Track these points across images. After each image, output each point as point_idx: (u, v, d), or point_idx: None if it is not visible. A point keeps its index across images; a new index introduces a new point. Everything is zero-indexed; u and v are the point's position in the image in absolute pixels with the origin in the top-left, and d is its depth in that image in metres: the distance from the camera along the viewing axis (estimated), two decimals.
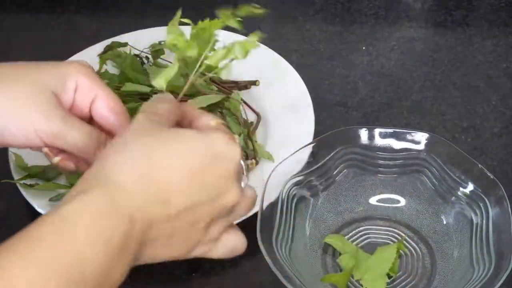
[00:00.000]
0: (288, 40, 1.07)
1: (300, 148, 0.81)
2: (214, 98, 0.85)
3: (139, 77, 0.91)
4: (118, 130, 0.62)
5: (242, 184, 0.58)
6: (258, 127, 0.91)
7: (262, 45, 0.99)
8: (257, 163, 0.87)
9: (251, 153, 0.87)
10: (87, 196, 0.49)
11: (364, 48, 1.05)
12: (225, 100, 0.89)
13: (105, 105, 0.62)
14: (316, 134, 0.87)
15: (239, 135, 0.89)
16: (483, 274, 0.72)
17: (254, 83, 0.96)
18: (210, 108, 0.90)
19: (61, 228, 0.47)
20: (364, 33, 1.07)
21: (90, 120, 0.64)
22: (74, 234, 0.47)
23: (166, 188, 0.52)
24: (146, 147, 0.52)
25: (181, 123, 0.59)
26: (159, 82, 0.60)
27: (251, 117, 0.92)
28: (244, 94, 0.94)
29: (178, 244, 0.54)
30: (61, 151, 0.62)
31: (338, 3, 1.12)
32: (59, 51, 1.07)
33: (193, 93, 0.87)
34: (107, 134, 0.63)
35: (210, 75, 0.95)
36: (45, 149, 0.62)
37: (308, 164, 0.80)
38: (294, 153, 0.80)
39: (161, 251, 0.54)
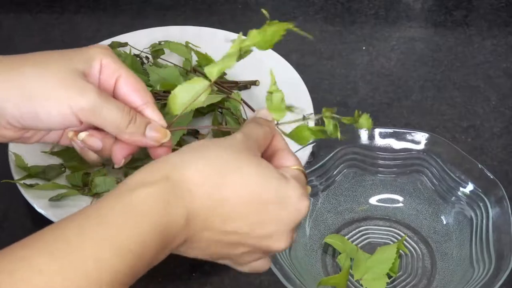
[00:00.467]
0: (288, 40, 1.06)
1: (300, 148, 0.81)
2: (214, 97, 0.85)
3: (139, 77, 0.91)
4: (142, 108, 0.63)
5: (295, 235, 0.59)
6: None
7: None
8: None
9: None
10: (155, 188, 0.51)
11: (364, 48, 1.05)
12: (225, 100, 0.89)
13: (129, 85, 0.63)
14: None
15: None
16: (483, 274, 0.72)
17: (254, 83, 0.96)
18: (210, 108, 0.91)
19: (128, 213, 0.50)
20: (364, 33, 1.07)
21: None
22: (140, 221, 0.50)
23: (230, 207, 0.54)
24: (228, 163, 0.54)
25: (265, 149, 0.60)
26: (212, 71, 0.61)
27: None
28: (244, 94, 0.94)
29: (211, 252, 0.56)
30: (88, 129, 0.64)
31: (338, 3, 1.12)
32: None
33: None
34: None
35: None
36: (70, 133, 0.62)
37: (308, 164, 0.80)
38: (294, 153, 0.80)
39: (194, 251, 0.56)
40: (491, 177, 0.77)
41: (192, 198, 0.52)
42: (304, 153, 0.80)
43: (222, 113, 0.91)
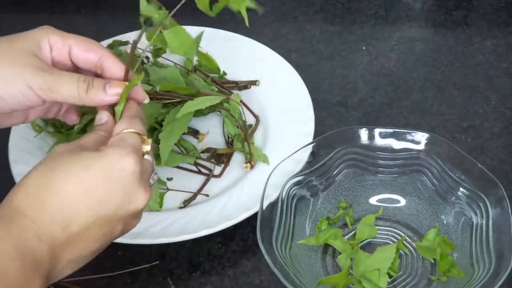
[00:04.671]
0: (288, 40, 1.07)
1: (300, 148, 0.81)
2: (213, 99, 0.85)
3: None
4: (101, 63, 0.66)
5: (151, 181, 0.63)
6: (258, 128, 0.91)
7: (263, 46, 0.99)
8: (252, 167, 0.87)
9: (247, 157, 0.87)
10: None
11: (364, 48, 1.05)
12: (224, 101, 0.89)
13: (81, 49, 0.66)
14: (316, 134, 0.87)
15: (236, 137, 0.89)
16: (483, 274, 0.72)
17: (254, 83, 0.96)
18: (211, 109, 0.90)
19: None
20: (364, 33, 1.07)
21: (75, 71, 0.67)
22: None
23: (61, 213, 0.56)
24: (45, 173, 0.57)
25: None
26: None
27: (252, 118, 0.92)
28: (244, 94, 0.94)
29: (93, 247, 0.59)
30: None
31: (338, 3, 1.12)
32: None
33: (193, 93, 0.88)
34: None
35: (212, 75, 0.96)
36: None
37: (308, 164, 0.80)
38: (294, 153, 0.80)
39: (81, 259, 0.59)
40: (491, 177, 0.77)
41: (32, 223, 0.55)
42: (304, 153, 0.80)
43: (221, 112, 0.91)
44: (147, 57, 0.96)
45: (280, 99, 0.93)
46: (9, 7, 1.14)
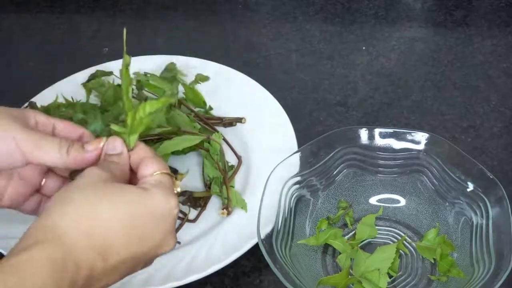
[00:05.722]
0: (288, 40, 1.07)
1: (301, 148, 0.81)
2: (193, 139, 0.83)
3: (119, 110, 0.88)
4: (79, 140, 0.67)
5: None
6: (239, 169, 0.88)
7: (254, 82, 0.96)
8: (229, 213, 0.83)
9: (225, 202, 0.83)
10: (35, 249, 0.54)
11: (364, 48, 1.05)
12: (205, 141, 0.86)
13: (63, 126, 0.67)
14: (316, 134, 0.87)
15: (214, 180, 0.85)
16: (483, 274, 0.72)
17: (240, 120, 0.93)
18: (191, 148, 0.86)
19: (10, 278, 0.52)
20: (364, 33, 1.07)
21: None
22: (23, 283, 0.52)
23: (104, 242, 0.57)
24: (90, 202, 0.57)
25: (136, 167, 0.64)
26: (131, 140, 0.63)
27: (234, 158, 0.89)
28: (229, 131, 0.91)
29: (117, 279, 0.60)
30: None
31: (338, 3, 1.12)
32: (59, 51, 1.07)
33: (174, 131, 0.85)
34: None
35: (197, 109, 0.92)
36: None
37: (308, 164, 0.80)
38: (294, 153, 0.80)
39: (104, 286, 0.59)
40: (491, 177, 0.77)
41: (73, 249, 0.55)
42: (304, 154, 0.80)
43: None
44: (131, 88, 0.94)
45: (265, 139, 0.90)
46: (9, 7, 1.14)
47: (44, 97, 0.93)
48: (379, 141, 0.82)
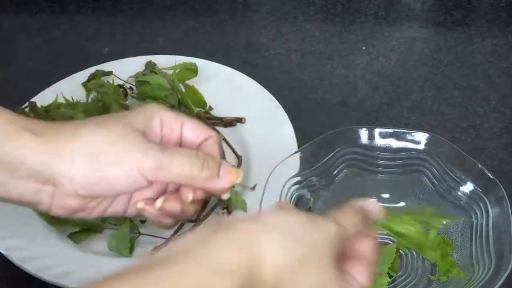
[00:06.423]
0: (288, 40, 1.07)
1: (301, 148, 0.81)
2: None
3: (119, 111, 0.87)
4: (204, 141, 0.62)
5: None
6: (240, 167, 0.87)
7: (254, 82, 0.96)
8: (229, 213, 0.82)
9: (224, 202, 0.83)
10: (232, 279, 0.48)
11: (364, 48, 1.05)
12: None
13: (192, 128, 0.62)
14: (316, 134, 0.87)
15: None
16: (483, 274, 0.72)
17: (240, 120, 0.92)
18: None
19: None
20: (364, 33, 1.07)
21: None
22: None
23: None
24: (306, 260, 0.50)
25: None
26: None
27: (234, 158, 0.88)
28: (229, 132, 0.91)
29: None
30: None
31: (338, 3, 1.12)
32: (59, 51, 1.07)
33: None
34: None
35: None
36: (141, 204, 0.60)
37: (308, 164, 0.80)
38: (294, 153, 0.80)
39: None
40: (491, 177, 0.77)
41: None
42: (304, 154, 0.80)
43: None
44: (131, 88, 0.94)
45: (265, 139, 0.89)
46: (9, 7, 1.14)
47: (44, 97, 0.93)
48: (379, 141, 0.82)
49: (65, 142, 0.57)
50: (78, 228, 0.83)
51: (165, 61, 0.97)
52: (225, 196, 0.61)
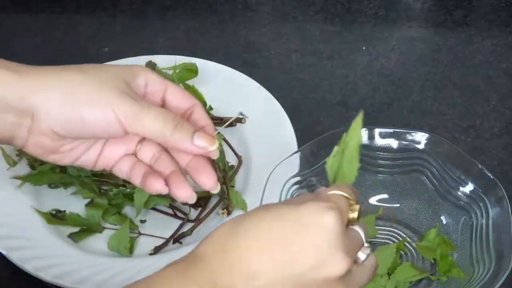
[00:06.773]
0: (288, 40, 1.07)
1: (301, 148, 0.81)
2: None
3: None
4: (190, 111, 0.63)
5: (361, 254, 0.56)
6: (240, 169, 0.88)
7: (254, 82, 0.96)
8: (229, 213, 0.82)
9: (225, 202, 0.83)
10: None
11: (364, 48, 1.05)
12: None
13: (176, 94, 0.63)
14: (316, 134, 0.87)
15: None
16: (483, 274, 0.72)
17: (240, 120, 0.92)
18: None
19: None
20: (364, 33, 1.07)
21: None
22: None
23: (243, 262, 0.51)
24: (235, 223, 0.53)
25: None
26: None
27: (234, 158, 0.89)
28: (229, 131, 0.91)
29: None
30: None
31: (338, 3, 1.12)
32: (59, 51, 1.07)
33: None
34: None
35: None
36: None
37: (308, 164, 0.80)
38: (294, 153, 0.80)
39: None
40: (491, 177, 0.77)
41: (211, 268, 0.53)
42: (304, 154, 0.80)
43: None
44: None
45: (265, 139, 0.90)
46: (9, 7, 1.14)
47: None
48: (379, 141, 0.82)
49: (43, 80, 0.59)
50: (78, 228, 0.83)
51: (165, 61, 0.97)
52: (215, 191, 0.62)
